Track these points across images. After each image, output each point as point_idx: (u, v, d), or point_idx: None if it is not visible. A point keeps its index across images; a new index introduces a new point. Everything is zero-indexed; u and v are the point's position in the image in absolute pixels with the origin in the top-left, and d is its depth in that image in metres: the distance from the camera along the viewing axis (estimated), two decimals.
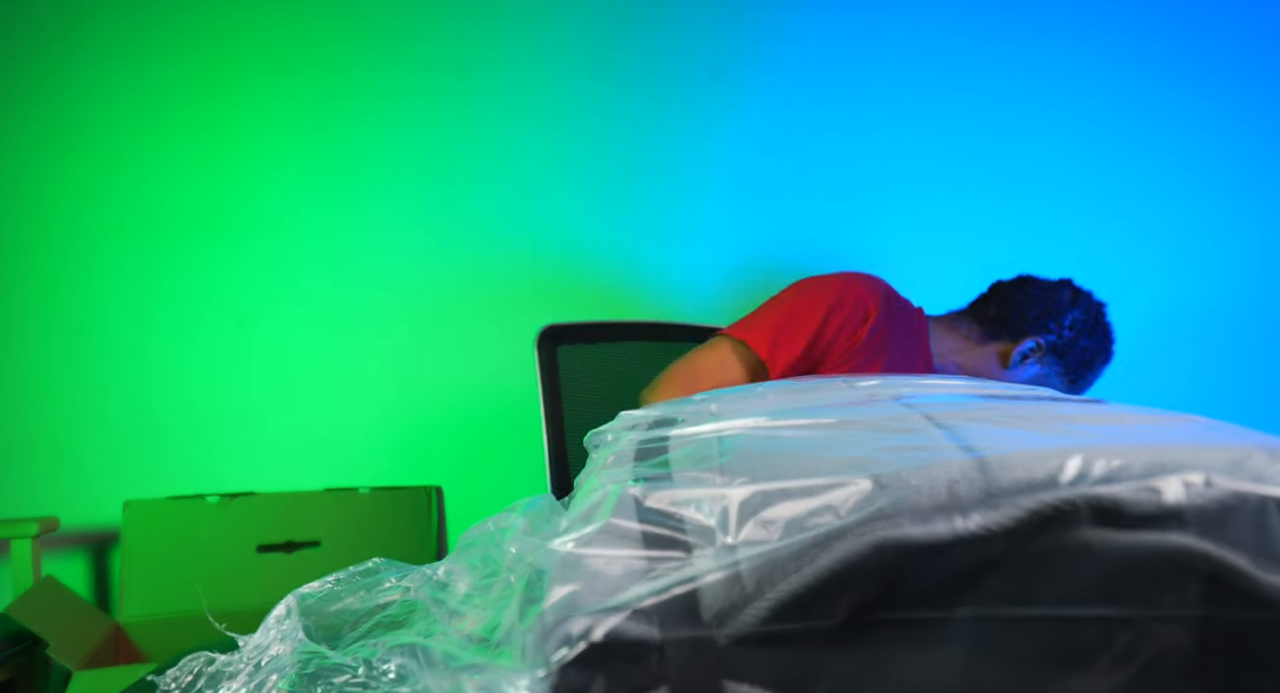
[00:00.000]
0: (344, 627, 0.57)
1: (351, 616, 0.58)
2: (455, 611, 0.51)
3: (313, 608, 0.56)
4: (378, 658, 0.45)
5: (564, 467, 1.37)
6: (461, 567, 0.57)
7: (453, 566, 0.58)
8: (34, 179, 1.82)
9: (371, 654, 0.46)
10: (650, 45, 2.01)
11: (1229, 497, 0.37)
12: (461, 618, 0.50)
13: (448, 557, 0.60)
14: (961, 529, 0.35)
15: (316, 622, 0.55)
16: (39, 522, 1.59)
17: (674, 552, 0.38)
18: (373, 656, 0.46)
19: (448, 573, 0.58)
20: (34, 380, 1.79)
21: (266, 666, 0.48)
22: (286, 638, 0.50)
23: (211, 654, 0.52)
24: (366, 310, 1.90)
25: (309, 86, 1.92)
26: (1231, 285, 2.23)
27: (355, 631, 0.56)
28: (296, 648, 0.49)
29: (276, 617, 0.54)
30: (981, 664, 0.36)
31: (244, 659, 0.50)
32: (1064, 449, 0.38)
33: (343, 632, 0.56)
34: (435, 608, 0.53)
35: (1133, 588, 0.36)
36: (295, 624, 0.52)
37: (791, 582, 0.35)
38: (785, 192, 2.07)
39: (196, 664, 0.51)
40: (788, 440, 0.48)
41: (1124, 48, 2.21)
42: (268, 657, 0.49)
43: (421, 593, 0.57)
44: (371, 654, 0.46)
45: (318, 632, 0.54)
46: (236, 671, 0.49)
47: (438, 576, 0.58)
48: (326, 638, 0.54)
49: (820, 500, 0.37)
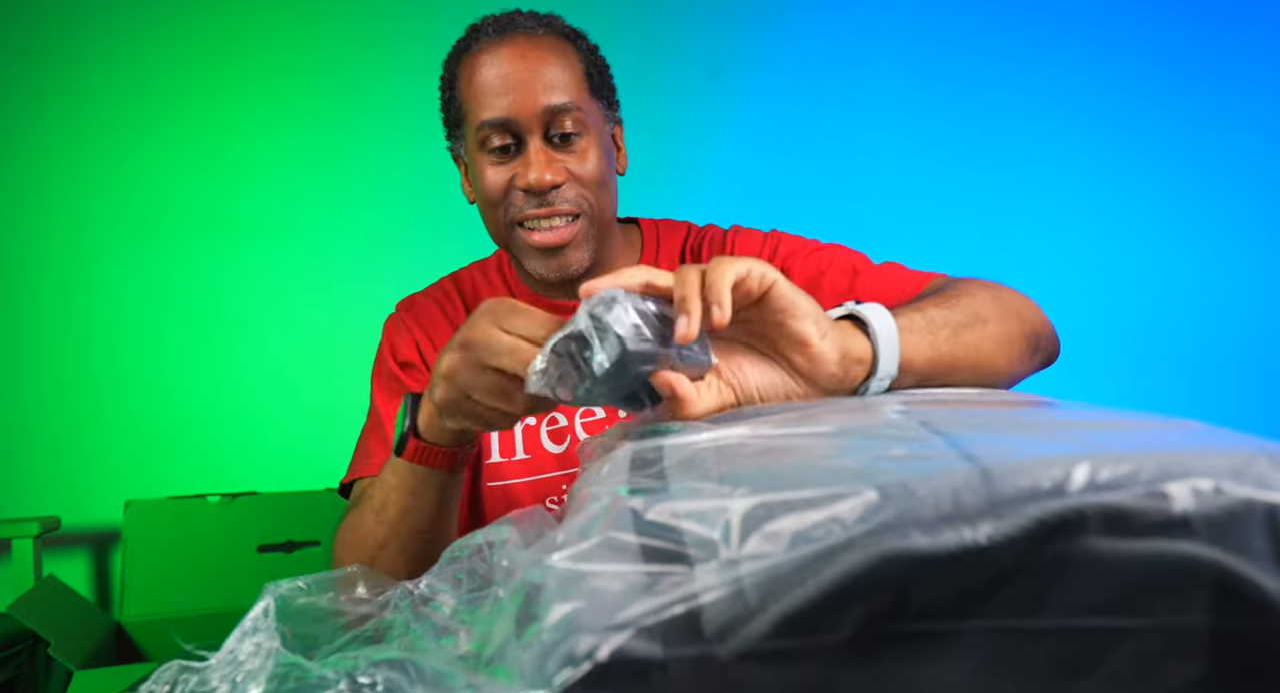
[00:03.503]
0: (320, 639, 0.55)
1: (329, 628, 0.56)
2: (442, 627, 0.50)
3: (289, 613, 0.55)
4: (360, 671, 0.44)
5: None
6: (443, 581, 0.56)
7: (434, 580, 0.56)
8: (35, 180, 1.81)
9: (354, 667, 0.45)
10: (650, 45, 2.00)
11: (1237, 504, 0.36)
12: (449, 634, 0.49)
13: (430, 570, 0.58)
14: (969, 540, 0.35)
15: (293, 630, 0.54)
16: (40, 521, 1.59)
17: (675, 566, 0.37)
18: (355, 668, 0.45)
19: (429, 587, 0.56)
20: (35, 381, 1.79)
21: (243, 681, 0.47)
22: (262, 648, 0.49)
23: (186, 664, 0.50)
24: (366, 310, 1.90)
25: (309, 88, 1.92)
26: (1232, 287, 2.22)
27: (333, 644, 0.54)
28: (273, 659, 0.48)
29: (254, 618, 0.52)
30: (991, 677, 0.35)
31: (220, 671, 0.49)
32: (1068, 456, 0.38)
33: (319, 644, 0.55)
34: (418, 624, 0.52)
35: (1141, 597, 0.36)
36: (272, 631, 0.51)
37: (796, 596, 0.35)
38: (784, 191, 2.06)
39: (169, 675, 0.50)
40: (787, 449, 0.48)
41: (1124, 45, 2.21)
42: (243, 672, 0.48)
43: (400, 608, 0.56)
44: (354, 667, 0.45)
45: (294, 641, 0.52)
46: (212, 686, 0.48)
47: (418, 590, 0.57)
48: (303, 648, 0.52)
49: (825, 512, 0.37)
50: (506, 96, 0.95)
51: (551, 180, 0.95)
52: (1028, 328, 0.80)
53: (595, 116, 1.00)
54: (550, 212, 0.97)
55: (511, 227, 0.99)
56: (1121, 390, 2.11)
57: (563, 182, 0.96)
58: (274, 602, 0.54)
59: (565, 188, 0.97)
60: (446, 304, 1.11)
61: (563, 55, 0.98)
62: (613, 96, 1.07)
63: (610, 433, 0.62)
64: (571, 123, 0.96)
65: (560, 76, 0.96)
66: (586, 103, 0.99)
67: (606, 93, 1.05)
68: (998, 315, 0.76)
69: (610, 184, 1.02)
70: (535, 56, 0.96)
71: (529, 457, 1.04)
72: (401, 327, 1.09)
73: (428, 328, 1.08)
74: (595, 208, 0.99)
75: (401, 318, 1.11)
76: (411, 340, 1.08)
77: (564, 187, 0.97)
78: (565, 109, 0.96)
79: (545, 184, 0.95)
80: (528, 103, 0.94)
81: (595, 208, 0.99)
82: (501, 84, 0.95)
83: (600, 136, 1.01)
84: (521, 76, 0.95)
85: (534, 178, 0.95)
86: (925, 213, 2.11)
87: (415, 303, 1.13)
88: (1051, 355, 0.86)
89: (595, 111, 1.01)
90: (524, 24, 0.99)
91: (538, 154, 0.95)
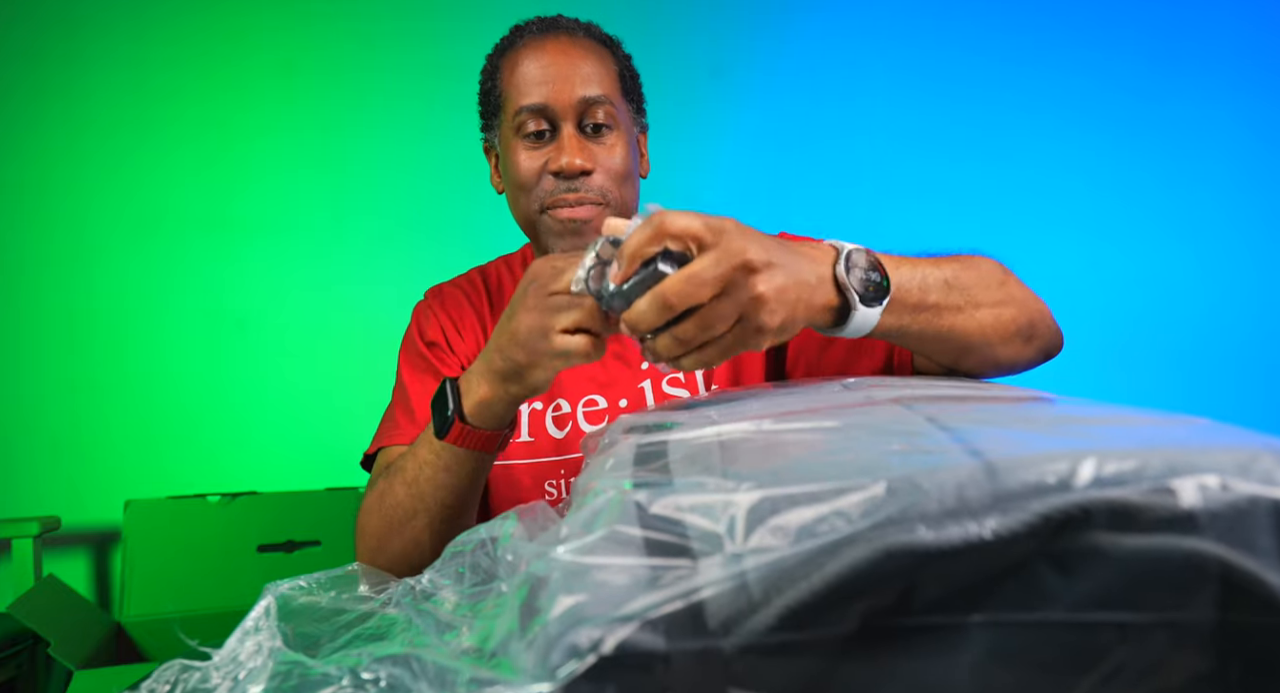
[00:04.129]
0: (322, 638, 0.55)
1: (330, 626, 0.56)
2: (445, 622, 0.50)
3: (290, 613, 0.55)
4: (363, 668, 0.44)
5: None
6: (446, 576, 0.56)
7: (436, 576, 0.56)
8: (35, 180, 1.81)
9: (357, 663, 0.45)
10: (650, 45, 2.00)
11: (1242, 500, 0.36)
12: (451, 629, 0.49)
13: (432, 565, 0.59)
14: (974, 535, 0.35)
15: (295, 629, 0.54)
16: (40, 521, 1.59)
17: (680, 560, 0.37)
18: (358, 664, 0.44)
19: (431, 582, 0.56)
20: (35, 381, 1.79)
21: (245, 679, 0.47)
22: (264, 647, 0.49)
23: (187, 663, 0.50)
24: (366, 310, 1.90)
25: (309, 88, 1.92)
26: (1231, 286, 2.22)
27: (334, 642, 0.54)
28: (275, 657, 0.48)
29: (255, 617, 0.52)
30: (996, 671, 0.35)
31: (221, 670, 0.49)
32: (1074, 452, 0.38)
33: (321, 643, 0.55)
34: (420, 619, 0.51)
35: (1147, 593, 0.35)
36: (273, 630, 0.50)
37: (800, 589, 0.34)
38: (784, 190, 2.06)
39: (171, 674, 0.49)
40: (792, 444, 0.48)
41: (1124, 44, 2.21)
42: (245, 670, 0.48)
43: (403, 605, 0.56)
44: (357, 663, 0.45)
45: (295, 640, 0.52)
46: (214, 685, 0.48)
47: (420, 585, 0.57)
48: (304, 646, 0.52)
49: (830, 506, 0.37)
50: (546, 86, 1.01)
51: (582, 164, 1.00)
52: (1023, 317, 0.81)
53: (625, 116, 1.06)
54: (579, 198, 1.02)
55: (541, 211, 1.04)
56: (1121, 389, 2.11)
57: (592, 168, 1.01)
58: (275, 601, 0.54)
59: (594, 176, 1.02)
60: (472, 293, 1.16)
61: (600, 56, 1.05)
62: (641, 104, 1.13)
63: (614, 427, 0.62)
64: (604, 115, 1.02)
65: (597, 72, 1.03)
66: (619, 100, 1.05)
67: (636, 99, 1.11)
68: (996, 296, 0.79)
69: (634, 182, 1.07)
70: (576, 53, 1.03)
71: (532, 440, 1.07)
72: (429, 311, 1.15)
73: (453, 313, 1.14)
74: (619, 201, 1.04)
75: (429, 303, 1.17)
76: (437, 323, 1.13)
77: (593, 174, 1.02)
78: (599, 101, 1.01)
79: (576, 168, 1.00)
80: (565, 92, 1.00)
81: (619, 201, 1.04)
82: (542, 74, 1.01)
83: (629, 135, 1.06)
84: (561, 69, 1.01)
85: (566, 161, 1.00)
86: (925, 212, 2.11)
87: (442, 291, 1.18)
88: (1050, 348, 0.86)
89: (626, 111, 1.07)
90: (566, 25, 1.07)
91: (571, 139, 1.01)
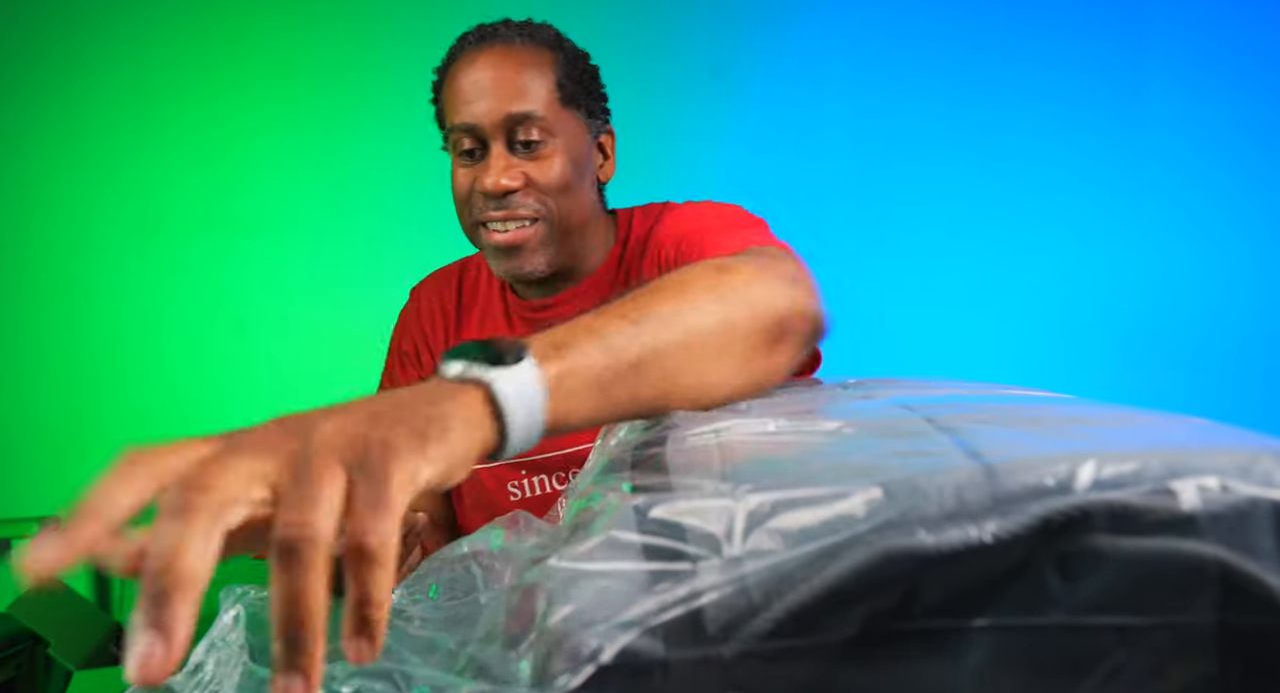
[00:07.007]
0: None
1: None
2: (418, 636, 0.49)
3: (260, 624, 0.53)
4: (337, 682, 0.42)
5: None
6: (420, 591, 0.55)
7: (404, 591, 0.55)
8: (36, 180, 1.81)
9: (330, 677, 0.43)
10: (650, 45, 2.00)
11: (1243, 502, 0.36)
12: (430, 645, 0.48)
13: (404, 581, 0.57)
14: (974, 538, 0.35)
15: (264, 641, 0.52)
16: (40, 521, 1.59)
17: (678, 564, 0.37)
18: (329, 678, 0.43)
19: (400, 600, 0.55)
20: (35, 380, 1.79)
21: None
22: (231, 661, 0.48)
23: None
24: (366, 310, 1.90)
25: (309, 88, 1.92)
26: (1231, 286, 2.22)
27: None
28: (243, 672, 0.47)
29: (222, 629, 0.50)
30: (997, 675, 0.35)
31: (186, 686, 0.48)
32: (1074, 454, 0.38)
33: None
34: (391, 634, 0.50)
35: (1147, 595, 0.35)
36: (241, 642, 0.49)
37: (800, 593, 0.34)
38: (785, 190, 2.06)
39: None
40: (790, 446, 0.47)
41: (1124, 45, 2.21)
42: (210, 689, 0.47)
43: None
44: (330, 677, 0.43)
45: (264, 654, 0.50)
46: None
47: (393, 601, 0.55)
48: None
49: (830, 509, 0.37)
50: (474, 103, 1.00)
51: (506, 185, 0.99)
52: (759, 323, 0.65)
53: (566, 125, 1.03)
54: (507, 215, 1.00)
55: (475, 227, 1.04)
56: (1121, 389, 2.11)
57: (518, 187, 1.00)
58: (244, 611, 0.52)
59: (523, 193, 1.00)
60: (446, 288, 1.16)
61: (536, 66, 1.02)
62: (597, 106, 1.10)
63: (609, 432, 0.62)
64: (536, 131, 1.00)
65: (529, 86, 1.00)
66: (555, 112, 1.02)
67: (588, 102, 1.08)
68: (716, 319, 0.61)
69: (578, 190, 1.05)
70: (507, 65, 1.00)
71: None
72: (409, 315, 1.15)
73: (424, 318, 1.14)
74: (556, 213, 1.02)
75: (409, 308, 1.17)
76: (410, 334, 1.12)
77: (521, 192, 1.00)
78: (528, 117, 0.99)
79: (499, 188, 0.99)
80: (493, 109, 0.99)
81: (556, 213, 1.02)
82: (473, 90, 1.00)
83: (572, 144, 1.04)
84: (489, 84, 0.99)
85: (490, 182, 0.99)
86: (925, 212, 2.10)
87: (422, 290, 1.18)
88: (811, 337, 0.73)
89: (567, 121, 1.04)
90: (504, 34, 1.03)
91: (497, 159, 1.00)
